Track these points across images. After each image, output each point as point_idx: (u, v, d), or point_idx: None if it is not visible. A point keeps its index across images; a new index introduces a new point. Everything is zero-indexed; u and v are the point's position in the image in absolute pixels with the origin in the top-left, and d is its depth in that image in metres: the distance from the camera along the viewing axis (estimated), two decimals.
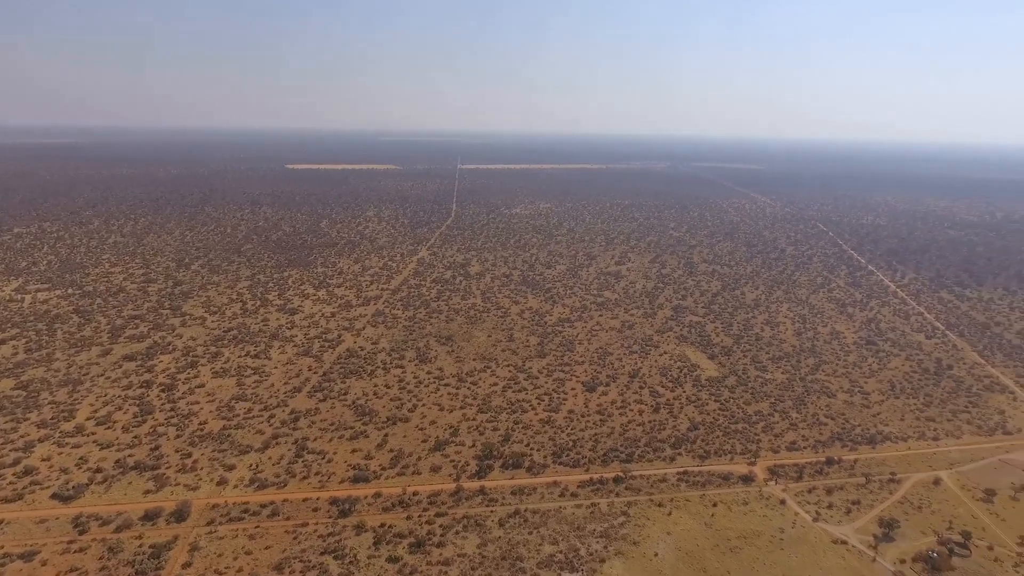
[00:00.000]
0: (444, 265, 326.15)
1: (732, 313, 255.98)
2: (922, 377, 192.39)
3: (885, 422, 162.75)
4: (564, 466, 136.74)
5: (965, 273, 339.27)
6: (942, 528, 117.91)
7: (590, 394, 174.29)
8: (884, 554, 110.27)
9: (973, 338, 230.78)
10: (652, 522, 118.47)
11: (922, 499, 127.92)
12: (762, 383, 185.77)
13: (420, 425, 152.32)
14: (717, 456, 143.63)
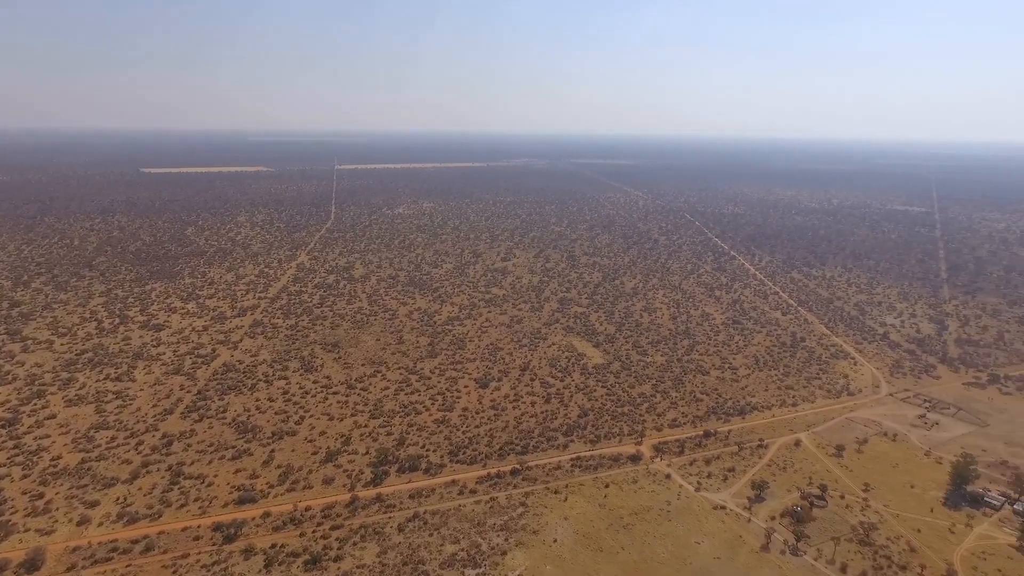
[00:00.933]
0: (326, 269, 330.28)
1: (613, 302, 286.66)
2: (781, 350, 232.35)
3: (752, 394, 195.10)
4: (461, 464, 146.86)
5: (811, 254, 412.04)
6: (804, 484, 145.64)
7: (483, 390, 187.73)
8: (757, 513, 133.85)
9: (820, 312, 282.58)
10: (550, 509, 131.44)
11: (786, 460, 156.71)
12: (644, 366, 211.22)
13: (309, 437, 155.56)
14: (607, 439, 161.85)
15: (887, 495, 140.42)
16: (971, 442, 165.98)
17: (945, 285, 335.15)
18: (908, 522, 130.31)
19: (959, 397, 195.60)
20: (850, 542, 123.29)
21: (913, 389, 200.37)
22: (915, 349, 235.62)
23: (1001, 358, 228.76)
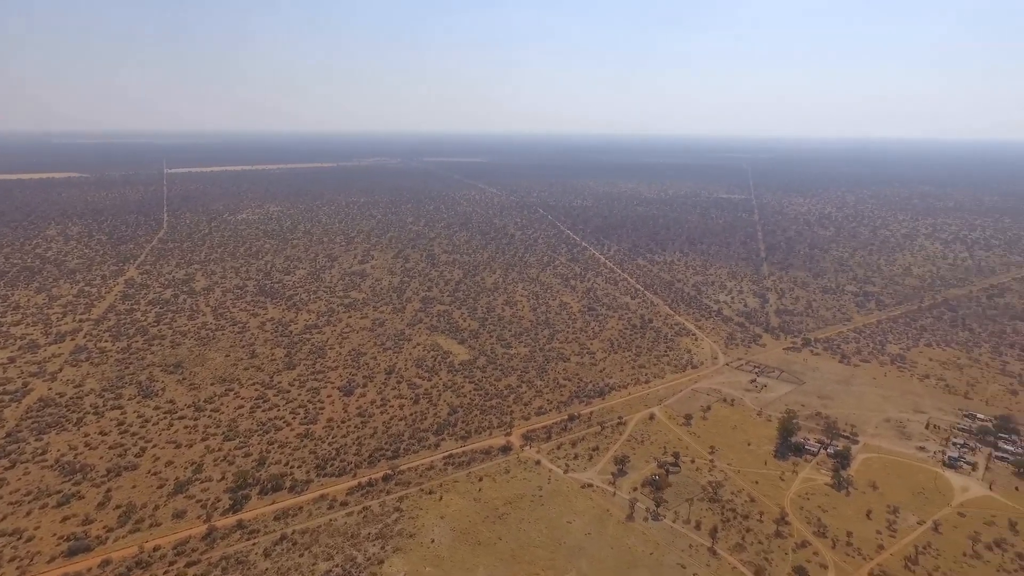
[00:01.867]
0: (161, 284, 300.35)
1: (475, 298, 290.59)
2: (632, 332, 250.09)
3: (610, 375, 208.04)
4: (330, 477, 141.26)
5: (653, 242, 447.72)
6: (659, 454, 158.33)
7: (348, 398, 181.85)
8: (621, 487, 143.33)
9: (664, 294, 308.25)
10: (425, 511, 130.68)
11: (643, 434, 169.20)
12: (508, 359, 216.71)
13: (153, 470, 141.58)
14: (478, 434, 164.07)
15: (729, 454, 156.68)
16: (792, 399, 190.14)
17: (764, 263, 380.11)
18: (747, 476, 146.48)
19: (781, 361, 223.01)
20: (702, 501, 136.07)
21: (744, 357, 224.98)
22: (744, 322, 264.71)
23: (811, 324, 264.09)
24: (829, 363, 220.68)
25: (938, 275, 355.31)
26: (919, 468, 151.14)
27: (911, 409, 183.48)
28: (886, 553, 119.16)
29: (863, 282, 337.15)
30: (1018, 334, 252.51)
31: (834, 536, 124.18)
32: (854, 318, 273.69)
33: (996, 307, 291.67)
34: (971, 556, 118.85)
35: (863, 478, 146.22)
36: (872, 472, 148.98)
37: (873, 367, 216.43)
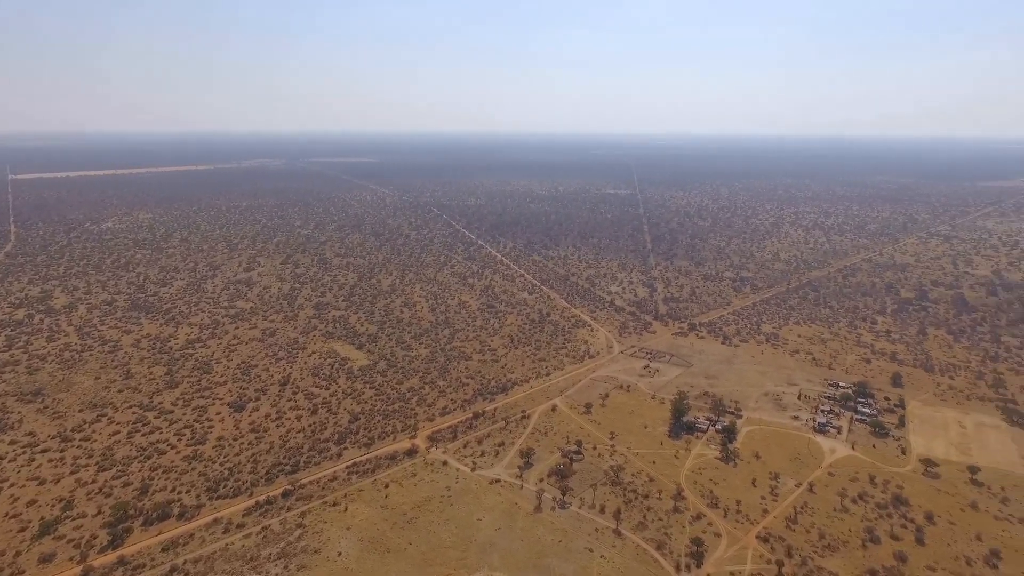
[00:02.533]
0: (10, 303, 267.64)
1: (372, 301, 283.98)
2: (531, 327, 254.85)
3: (511, 371, 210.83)
4: (223, 499, 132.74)
5: (547, 238, 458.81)
6: (563, 443, 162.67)
7: (239, 414, 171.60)
8: (528, 479, 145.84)
9: (560, 288, 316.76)
10: (330, 524, 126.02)
11: (547, 425, 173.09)
12: (409, 361, 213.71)
13: (12, 511, 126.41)
14: (381, 440, 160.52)
15: (628, 438, 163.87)
16: (682, 381, 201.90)
17: (651, 254, 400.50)
18: (646, 457, 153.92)
19: (671, 345, 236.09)
20: (605, 485, 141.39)
21: (638, 344, 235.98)
22: (635, 311, 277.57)
23: (695, 309, 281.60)
24: (713, 345, 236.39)
25: (802, 259, 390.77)
26: (795, 435, 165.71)
27: (785, 382, 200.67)
28: (770, 516, 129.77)
29: (739, 268, 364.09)
30: (868, 309, 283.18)
31: (725, 506, 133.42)
32: (733, 302, 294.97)
33: (850, 285, 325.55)
34: (840, 510, 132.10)
35: (748, 449, 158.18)
36: (755, 443, 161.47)
37: (751, 346, 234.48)
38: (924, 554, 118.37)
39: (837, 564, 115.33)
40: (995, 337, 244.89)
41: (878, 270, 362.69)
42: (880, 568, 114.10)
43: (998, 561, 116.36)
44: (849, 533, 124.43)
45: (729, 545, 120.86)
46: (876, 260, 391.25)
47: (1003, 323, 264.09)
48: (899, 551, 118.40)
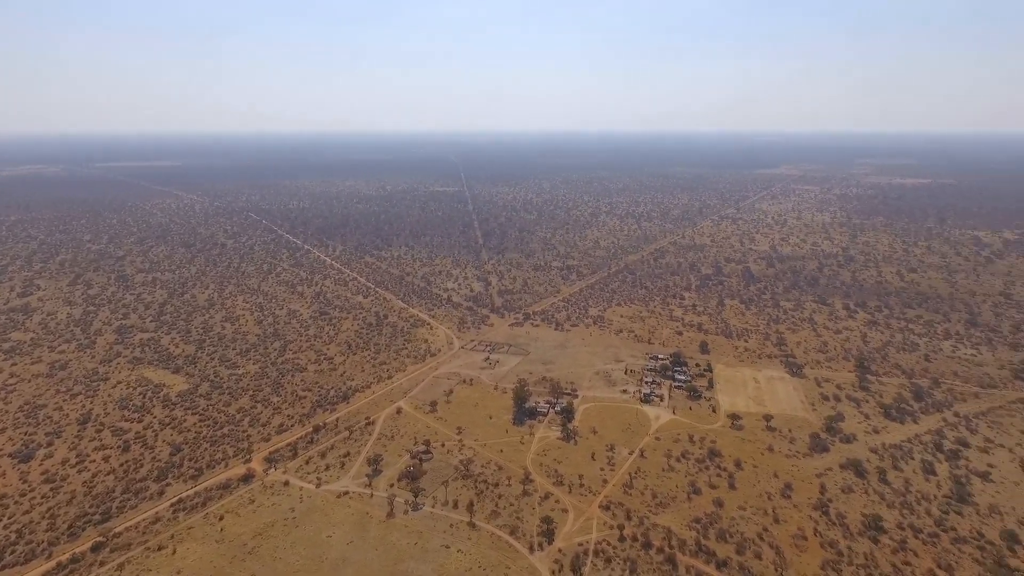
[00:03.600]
0: None
1: (188, 319, 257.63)
2: (369, 331, 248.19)
3: (351, 377, 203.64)
4: (12, 568, 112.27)
5: (378, 238, 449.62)
6: (411, 445, 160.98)
7: (27, 465, 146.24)
8: (378, 486, 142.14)
9: (395, 289, 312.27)
10: (156, 571, 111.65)
11: (393, 429, 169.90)
12: (237, 380, 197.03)
13: None
14: (211, 469, 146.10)
15: (475, 431, 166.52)
16: (522, 369, 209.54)
17: (483, 249, 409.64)
18: (493, 447, 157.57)
19: (508, 336, 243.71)
20: (456, 480, 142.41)
21: (477, 338, 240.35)
22: (472, 305, 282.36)
23: (528, 300, 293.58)
24: (547, 332, 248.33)
25: (619, 245, 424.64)
26: (625, 408, 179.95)
27: (613, 360, 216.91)
28: (609, 485, 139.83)
29: (565, 257, 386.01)
30: (677, 286, 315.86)
31: (569, 482, 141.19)
32: (562, 289, 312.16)
33: (660, 267, 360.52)
34: (667, 470, 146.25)
35: (585, 426, 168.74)
36: (591, 419, 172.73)
37: (581, 330, 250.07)
38: (736, 497, 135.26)
39: (669, 519, 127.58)
40: (775, 302, 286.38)
41: (682, 251, 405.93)
42: (703, 515, 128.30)
43: (791, 492, 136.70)
44: (676, 489, 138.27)
45: (576, 519, 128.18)
46: (680, 242, 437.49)
47: (780, 290, 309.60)
48: (717, 498, 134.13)
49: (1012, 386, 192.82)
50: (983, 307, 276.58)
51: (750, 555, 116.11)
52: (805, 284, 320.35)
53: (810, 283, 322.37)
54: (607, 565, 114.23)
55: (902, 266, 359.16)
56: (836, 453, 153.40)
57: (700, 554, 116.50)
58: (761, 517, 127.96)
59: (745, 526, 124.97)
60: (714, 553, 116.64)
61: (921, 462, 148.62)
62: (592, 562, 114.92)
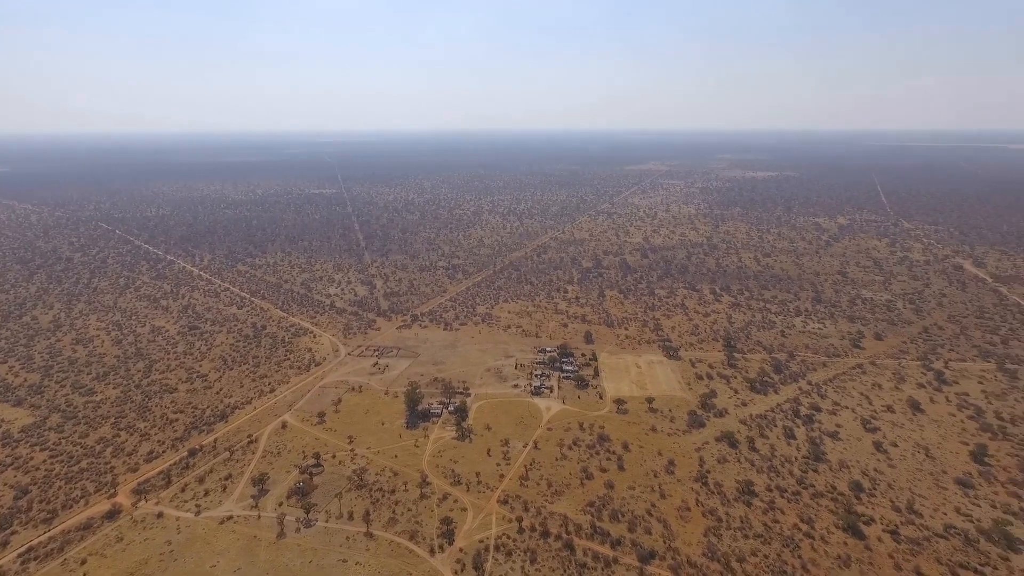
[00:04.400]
0: None
1: (28, 344, 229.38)
2: (246, 344, 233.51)
3: (229, 395, 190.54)
4: None
5: (251, 245, 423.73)
6: (300, 460, 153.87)
7: None
8: (265, 507, 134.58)
9: (273, 297, 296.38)
10: None
11: (279, 445, 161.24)
12: (94, 407, 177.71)
13: None
14: (68, 510, 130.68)
15: (367, 439, 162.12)
16: (413, 371, 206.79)
17: (366, 252, 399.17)
18: (387, 453, 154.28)
19: (396, 339, 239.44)
20: (350, 491, 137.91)
21: (364, 343, 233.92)
22: (357, 310, 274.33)
23: (415, 301, 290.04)
24: (436, 332, 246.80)
25: (503, 243, 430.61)
26: (517, 402, 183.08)
27: (503, 356, 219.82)
28: (506, 480, 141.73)
29: (450, 257, 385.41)
30: (560, 280, 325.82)
31: (467, 481, 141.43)
32: (448, 289, 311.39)
33: (544, 262, 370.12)
34: (561, 458, 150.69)
35: (480, 423, 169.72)
36: (485, 416, 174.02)
37: (470, 328, 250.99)
38: (626, 477, 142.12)
39: (564, 505, 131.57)
40: (651, 291, 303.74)
41: (563, 246, 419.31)
42: (596, 498, 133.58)
43: (674, 467, 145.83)
44: (570, 476, 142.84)
45: (475, 516, 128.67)
46: (561, 238, 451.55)
47: (654, 279, 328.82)
48: (608, 480, 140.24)
49: (851, 354, 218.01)
50: (825, 285, 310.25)
51: (641, 531, 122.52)
52: (676, 272, 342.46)
53: (680, 271, 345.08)
54: (508, 558, 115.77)
55: (758, 252, 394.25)
56: (711, 427, 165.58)
57: (596, 536, 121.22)
58: (649, 494, 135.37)
59: (635, 504, 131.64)
60: (608, 533, 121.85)
61: (783, 428, 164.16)
62: (493, 557, 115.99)
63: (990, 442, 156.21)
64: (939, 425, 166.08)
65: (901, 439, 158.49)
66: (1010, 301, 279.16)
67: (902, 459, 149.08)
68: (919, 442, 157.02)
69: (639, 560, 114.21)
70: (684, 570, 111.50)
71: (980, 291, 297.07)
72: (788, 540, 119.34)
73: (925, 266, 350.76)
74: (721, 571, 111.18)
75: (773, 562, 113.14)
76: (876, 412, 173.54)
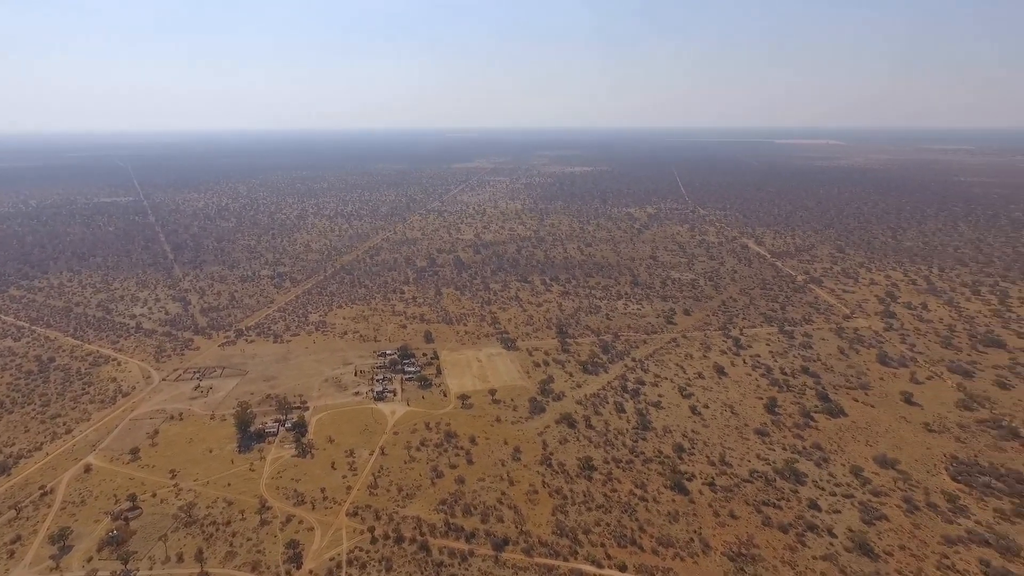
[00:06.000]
0: None
1: None
2: (29, 381, 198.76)
3: (11, 442, 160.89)
4: None
5: (26, 265, 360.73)
6: (111, 505, 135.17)
7: None
8: (70, 566, 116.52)
9: (61, 324, 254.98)
10: None
11: (82, 492, 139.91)
12: None
13: None
14: None
15: (193, 470, 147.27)
16: (241, 391, 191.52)
17: (175, 265, 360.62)
18: (219, 483, 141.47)
19: (220, 358, 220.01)
20: (177, 531, 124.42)
21: (181, 366, 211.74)
22: (170, 330, 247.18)
23: (239, 315, 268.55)
24: (265, 346, 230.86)
25: (332, 246, 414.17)
26: (360, 410, 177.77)
27: (341, 364, 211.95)
28: (354, 491, 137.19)
29: (275, 264, 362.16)
30: (396, 281, 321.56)
31: (311, 499, 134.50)
32: (276, 299, 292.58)
33: (377, 263, 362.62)
34: (409, 461, 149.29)
35: (321, 436, 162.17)
36: (326, 428, 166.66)
37: (303, 338, 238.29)
38: (475, 470, 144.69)
39: (417, 507, 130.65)
40: (486, 285, 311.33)
41: (396, 246, 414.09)
42: (448, 496, 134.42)
43: (520, 454, 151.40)
44: (420, 477, 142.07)
45: (324, 534, 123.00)
46: (393, 238, 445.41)
47: (488, 273, 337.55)
48: (458, 476, 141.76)
49: (666, 329, 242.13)
50: (640, 269, 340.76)
51: (493, 520, 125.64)
52: (508, 266, 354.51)
53: (512, 265, 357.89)
54: (362, 571, 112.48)
55: (581, 242, 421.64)
56: (551, 411, 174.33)
57: (450, 533, 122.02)
58: (499, 483, 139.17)
59: (486, 495, 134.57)
60: (462, 528, 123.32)
61: (614, 404, 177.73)
62: (347, 573, 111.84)
63: (778, 394, 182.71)
64: (739, 385, 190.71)
65: (711, 401, 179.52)
66: (784, 273, 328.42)
67: (713, 418, 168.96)
68: (725, 402, 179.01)
69: (493, 549, 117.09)
70: (536, 551, 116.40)
71: (762, 266, 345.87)
72: (626, 506, 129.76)
73: (719, 247, 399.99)
74: (570, 545, 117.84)
75: (615, 529, 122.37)
76: (690, 380, 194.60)
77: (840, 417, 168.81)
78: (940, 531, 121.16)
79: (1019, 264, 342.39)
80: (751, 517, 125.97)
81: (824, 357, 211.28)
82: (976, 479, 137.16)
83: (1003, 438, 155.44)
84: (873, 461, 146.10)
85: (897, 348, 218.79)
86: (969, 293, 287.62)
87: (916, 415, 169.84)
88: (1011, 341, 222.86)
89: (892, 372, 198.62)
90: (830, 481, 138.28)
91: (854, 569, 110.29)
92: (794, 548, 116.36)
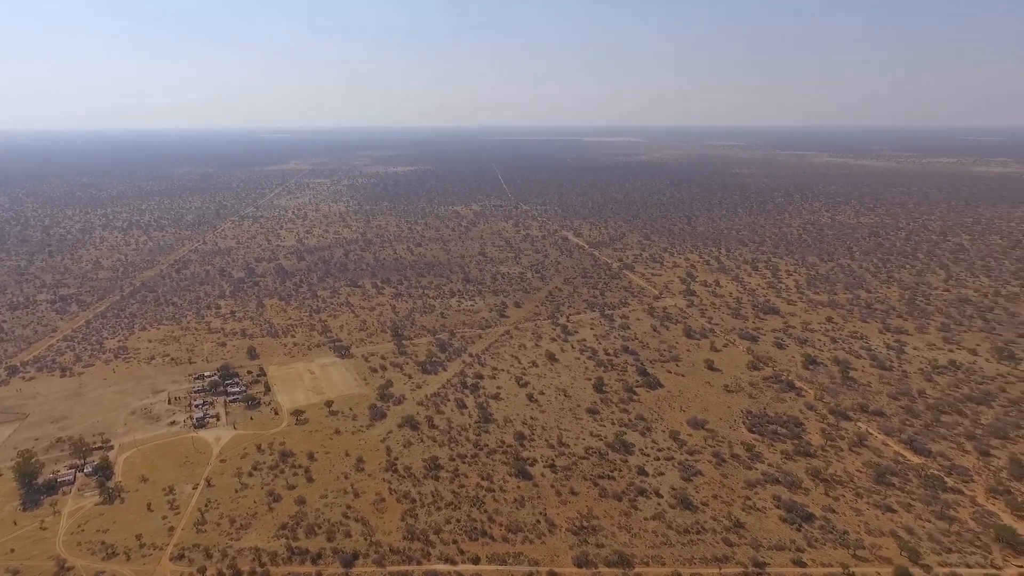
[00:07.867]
0: None
1: None
2: None
3: None
4: None
5: None
6: None
7: None
8: None
9: None
10: None
11: None
12: None
13: None
14: None
15: None
16: (21, 437, 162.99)
17: None
18: None
19: None
20: None
21: None
22: None
23: (11, 348, 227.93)
24: (50, 382, 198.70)
25: (128, 262, 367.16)
26: (178, 441, 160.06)
27: (151, 392, 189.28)
28: (178, 531, 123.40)
29: (55, 287, 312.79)
30: (209, 296, 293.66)
31: (125, 549, 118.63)
32: (60, 327, 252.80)
33: (186, 278, 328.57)
34: (241, 488, 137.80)
35: (132, 477, 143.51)
36: (138, 467, 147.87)
37: (100, 368, 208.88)
38: (316, 488, 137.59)
39: (255, 537, 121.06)
40: (313, 293, 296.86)
41: (207, 257, 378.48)
42: (288, 519, 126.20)
43: (363, 464, 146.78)
44: (255, 504, 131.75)
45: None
46: (202, 249, 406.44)
47: (315, 280, 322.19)
48: (298, 496, 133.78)
49: (499, 323, 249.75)
50: (471, 266, 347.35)
51: (340, 537, 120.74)
52: (336, 271, 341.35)
53: (340, 269, 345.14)
54: None
55: (410, 242, 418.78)
56: (393, 416, 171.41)
57: (294, 558, 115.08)
58: (343, 497, 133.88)
59: (330, 512, 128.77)
60: (307, 551, 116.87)
61: (455, 401, 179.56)
62: None
63: (604, 374, 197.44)
64: (570, 369, 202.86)
65: (546, 387, 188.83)
66: (601, 262, 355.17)
67: (549, 403, 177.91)
68: (559, 386, 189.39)
69: (343, 566, 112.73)
70: (388, 559, 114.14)
71: (582, 256, 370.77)
72: (474, 500, 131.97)
73: (543, 240, 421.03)
74: (422, 547, 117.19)
75: (465, 523, 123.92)
76: (525, 369, 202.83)
77: (658, 389, 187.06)
78: (743, 477, 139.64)
79: (784, 243, 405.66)
80: (589, 491, 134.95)
81: (640, 335, 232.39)
82: (766, 428, 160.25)
83: (783, 391, 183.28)
84: (687, 424, 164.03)
85: (699, 322, 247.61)
86: (750, 269, 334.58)
87: (717, 379, 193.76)
88: (783, 308, 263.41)
89: (696, 343, 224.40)
90: (653, 447, 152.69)
91: (679, 523, 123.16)
92: (628, 513, 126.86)
